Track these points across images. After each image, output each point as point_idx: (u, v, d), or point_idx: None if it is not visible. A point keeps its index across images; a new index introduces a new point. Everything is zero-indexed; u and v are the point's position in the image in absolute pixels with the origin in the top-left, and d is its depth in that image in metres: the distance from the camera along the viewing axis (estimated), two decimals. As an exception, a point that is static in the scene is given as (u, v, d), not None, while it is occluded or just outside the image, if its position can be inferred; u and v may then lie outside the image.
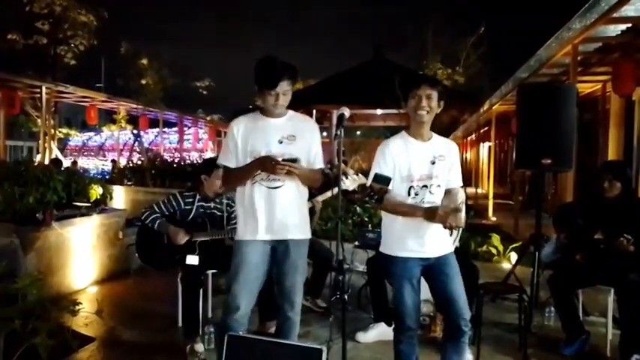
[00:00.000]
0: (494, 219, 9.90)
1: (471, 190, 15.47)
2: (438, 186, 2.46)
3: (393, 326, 2.65)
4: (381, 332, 3.45)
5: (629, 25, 5.08)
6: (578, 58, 5.95)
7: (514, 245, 5.79)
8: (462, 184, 2.59)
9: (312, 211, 4.07)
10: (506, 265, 5.49)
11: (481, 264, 5.11)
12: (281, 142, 2.50)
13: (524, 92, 4.00)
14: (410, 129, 2.51)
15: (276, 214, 2.50)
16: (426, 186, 2.43)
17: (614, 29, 5.29)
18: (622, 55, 5.89)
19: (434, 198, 2.44)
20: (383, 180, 2.39)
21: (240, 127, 2.55)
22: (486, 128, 13.90)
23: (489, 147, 12.97)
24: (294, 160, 2.40)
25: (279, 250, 2.57)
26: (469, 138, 20.20)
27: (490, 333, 3.56)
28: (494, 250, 5.96)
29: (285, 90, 2.46)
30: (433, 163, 2.44)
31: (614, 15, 4.70)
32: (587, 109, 8.33)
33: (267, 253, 2.56)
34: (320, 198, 4.08)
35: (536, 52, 6.24)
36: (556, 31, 5.42)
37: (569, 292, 3.43)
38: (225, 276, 3.84)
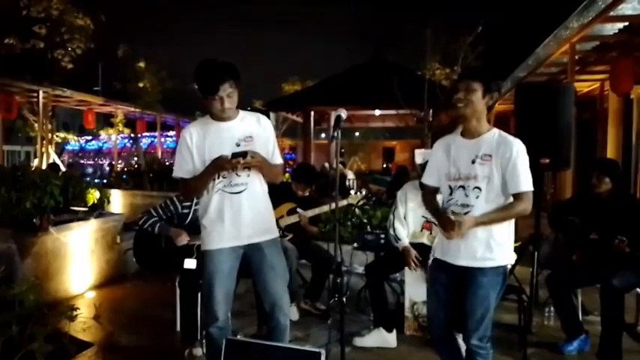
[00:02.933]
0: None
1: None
2: (477, 188, 2.24)
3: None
4: (378, 339, 3.40)
5: (626, 23, 5.08)
6: (576, 56, 5.96)
7: (513, 245, 5.77)
8: (525, 190, 2.24)
9: (297, 225, 4.06)
10: (506, 265, 5.47)
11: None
12: (238, 145, 2.43)
13: (523, 92, 3.99)
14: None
15: (242, 220, 2.46)
16: (463, 187, 2.27)
17: (612, 28, 5.30)
18: (619, 54, 5.90)
19: (469, 200, 2.24)
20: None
21: (193, 135, 2.47)
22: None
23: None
24: (246, 154, 2.32)
25: (252, 255, 2.53)
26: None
27: (495, 334, 3.54)
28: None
29: (229, 92, 2.37)
30: (473, 162, 2.26)
31: (611, 13, 4.71)
32: (585, 107, 8.32)
33: (238, 258, 2.53)
34: (309, 213, 4.04)
35: (534, 51, 6.24)
36: (554, 30, 5.42)
37: (567, 292, 3.42)
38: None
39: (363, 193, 3.88)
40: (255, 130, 2.51)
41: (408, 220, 3.64)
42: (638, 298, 3.42)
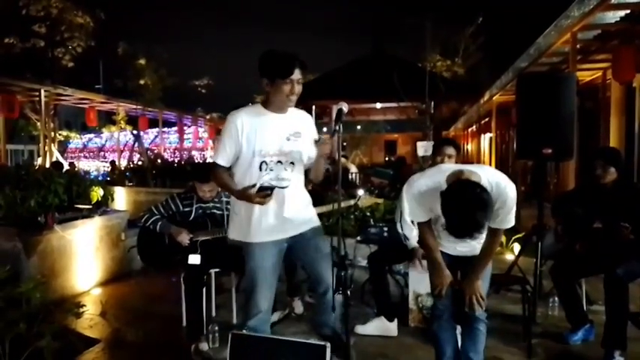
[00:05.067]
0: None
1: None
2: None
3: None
4: (379, 326, 3.44)
5: (628, 11, 5.04)
6: (578, 45, 5.92)
7: (517, 236, 5.77)
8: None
9: None
10: (510, 257, 5.47)
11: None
12: (288, 140, 2.43)
13: (524, 82, 3.97)
14: None
15: (286, 213, 2.48)
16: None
17: (613, 16, 5.25)
18: (621, 42, 5.85)
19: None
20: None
21: (244, 124, 2.41)
22: (487, 119, 13.85)
23: (490, 138, 12.93)
24: (273, 189, 2.34)
25: (296, 242, 2.57)
26: (470, 129, 20.14)
27: (494, 324, 3.54)
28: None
29: (299, 79, 2.38)
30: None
31: (613, 1, 4.67)
32: (587, 97, 8.28)
33: (282, 251, 2.56)
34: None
35: (535, 40, 6.20)
36: (554, 20, 5.39)
37: (571, 282, 3.42)
38: (234, 275, 3.85)
39: (362, 194, 3.86)
40: (303, 127, 2.52)
41: (415, 214, 3.64)
42: (642, 286, 3.41)
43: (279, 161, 2.45)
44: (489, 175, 2.20)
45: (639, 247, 3.15)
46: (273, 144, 2.41)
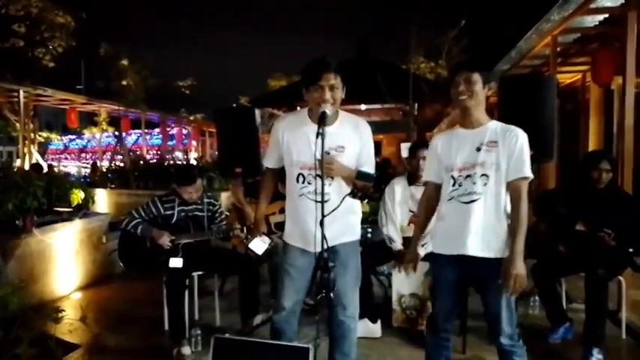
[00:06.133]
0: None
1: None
2: (484, 175, 2.21)
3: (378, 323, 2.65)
4: (363, 328, 3.40)
5: (606, 15, 5.14)
6: (558, 49, 6.02)
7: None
8: (528, 175, 2.21)
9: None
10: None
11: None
12: (328, 153, 2.29)
13: (506, 84, 4.00)
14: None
15: (324, 226, 2.36)
16: (469, 176, 2.24)
17: (592, 20, 5.35)
18: (600, 46, 5.97)
19: (477, 188, 2.21)
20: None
21: (285, 134, 2.40)
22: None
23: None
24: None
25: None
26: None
27: (476, 323, 3.58)
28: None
29: (332, 83, 2.25)
30: (479, 150, 2.23)
31: (592, 6, 4.76)
32: (568, 99, 8.42)
33: (313, 258, 2.44)
34: None
35: (516, 44, 6.29)
36: (535, 23, 5.47)
37: (552, 281, 3.47)
38: (217, 278, 3.81)
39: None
40: (350, 139, 2.38)
41: (396, 215, 3.66)
42: (619, 285, 3.48)
43: (318, 175, 2.30)
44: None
45: (621, 251, 3.21)
46: (309, 157, 2.32)
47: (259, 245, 2.77)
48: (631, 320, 3.60)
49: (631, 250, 3.33)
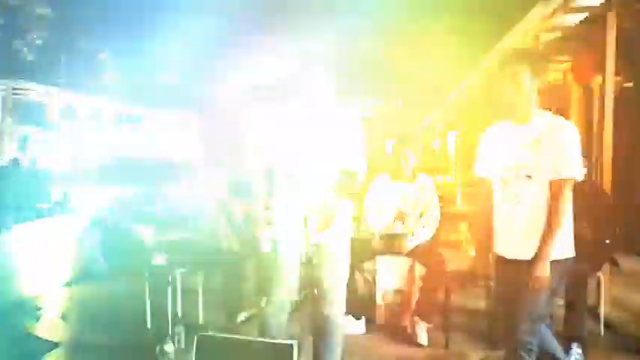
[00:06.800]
0: (462, 207, 10.06)
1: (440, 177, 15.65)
2: (527, 176, 2.08)
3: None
4: (347, 325, 3.43)
5: (587, 14, 5.21)
6: (539, 47, 6.08)
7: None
8: (567, 176, 2.06)
9: None
10: (474, 252, 5.58)
11: (449, 251, 5.18)
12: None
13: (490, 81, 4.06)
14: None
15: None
16: (515, 176, 2.12)
17: (573, 18, 5.42)
18: (581, 44, 6.05)
19: (520, 189, 2.10)
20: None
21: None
22: (454, 118, 14.09)
23: (455, 136, 13.15)
24: None
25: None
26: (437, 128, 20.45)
27: (459, 320, 3.62)
28: (462, 237, 6.06)
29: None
30: (524, 148, 2.10)
31: (573, 5, 4.82)
32: (550, 97, 8.53)
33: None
34: None
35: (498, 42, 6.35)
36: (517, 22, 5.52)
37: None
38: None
39: None
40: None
41: (382, 212, 3.67)
42: (598, 280, 3.53)
43: None
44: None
45: (598, 245, 3.27)
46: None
47: None
48: (610, 316, 3.66)
49: (607, 241, 3.38)
